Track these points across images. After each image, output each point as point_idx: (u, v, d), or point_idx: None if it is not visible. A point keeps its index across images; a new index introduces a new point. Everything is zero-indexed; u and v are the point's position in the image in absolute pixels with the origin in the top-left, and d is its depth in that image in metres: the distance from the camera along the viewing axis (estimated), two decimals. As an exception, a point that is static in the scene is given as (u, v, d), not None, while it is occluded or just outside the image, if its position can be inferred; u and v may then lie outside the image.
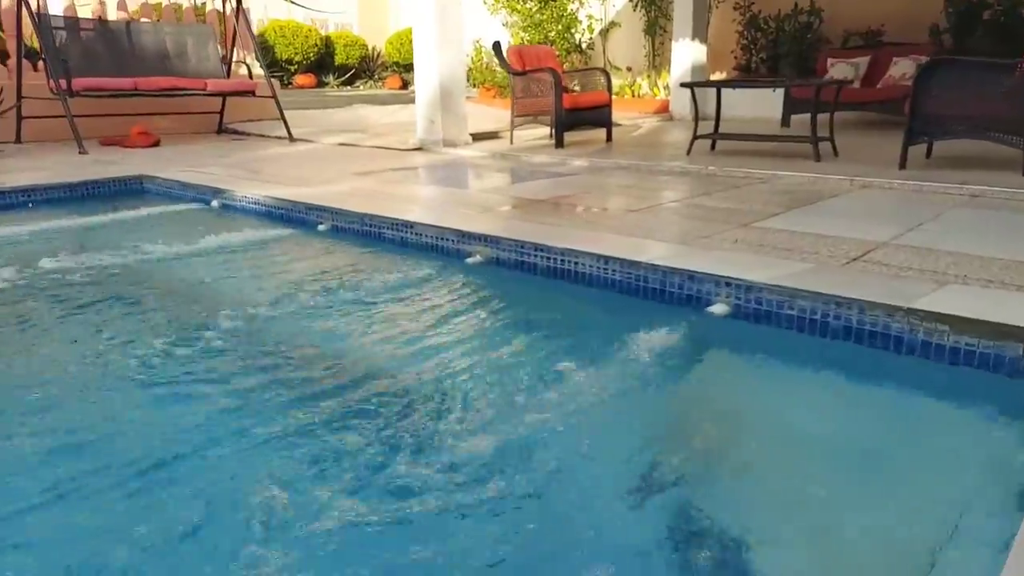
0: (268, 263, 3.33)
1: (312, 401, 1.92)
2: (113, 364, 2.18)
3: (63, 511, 1.49)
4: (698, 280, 2.38)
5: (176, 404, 1.94)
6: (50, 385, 2.06)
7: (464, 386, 2.01)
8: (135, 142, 7.00)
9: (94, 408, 1.96)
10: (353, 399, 1.94)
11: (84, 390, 2.05)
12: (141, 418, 1.90)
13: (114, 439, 1.78)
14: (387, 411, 1.88)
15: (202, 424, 1.83)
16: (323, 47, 15.67)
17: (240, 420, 1.84)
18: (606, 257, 2.60)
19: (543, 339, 2.36)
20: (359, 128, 8.67)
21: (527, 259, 2.82)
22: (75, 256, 3.23)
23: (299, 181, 4.77)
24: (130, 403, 1.98)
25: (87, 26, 7.51)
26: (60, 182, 4.52)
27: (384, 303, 2.68)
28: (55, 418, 1.87)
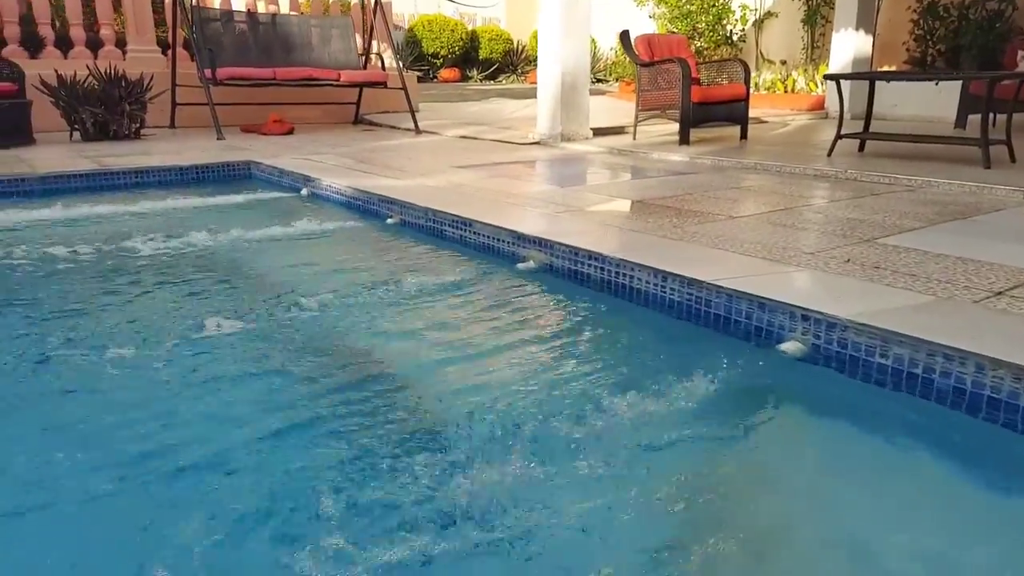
0: (327, 254, 3.25)
1: (321, 397, 1.77)
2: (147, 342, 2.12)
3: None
4: (769, 309, 1.93)
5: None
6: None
7: (471, 413, 1.74)
8: (270, 129, 7.31)
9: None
10: (361, 401, 1.76)
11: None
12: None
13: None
14: (398, 420, 1.66)
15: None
16: (468, 41, 15.84)
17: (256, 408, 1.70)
18: (663, 273, 2.19)
19: (575, 364, 2.01)
20: (486, 121, 8.57)
21: (580, 268, 2.47)
22: (151, 237, 3.30)
23: (396, 172, 4.69)
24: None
25: (239, 18, 7.95)
26: (171, 165, 4.73)
27: (418, 306, 2.46)
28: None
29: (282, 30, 8.03)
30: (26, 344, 2.15)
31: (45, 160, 4.99)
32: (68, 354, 2.06)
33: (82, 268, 2.90)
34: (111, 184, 4.44)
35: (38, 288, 2.70)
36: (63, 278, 2.79)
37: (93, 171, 4.49)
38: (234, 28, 7.73)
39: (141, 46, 7.65)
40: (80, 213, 3.76)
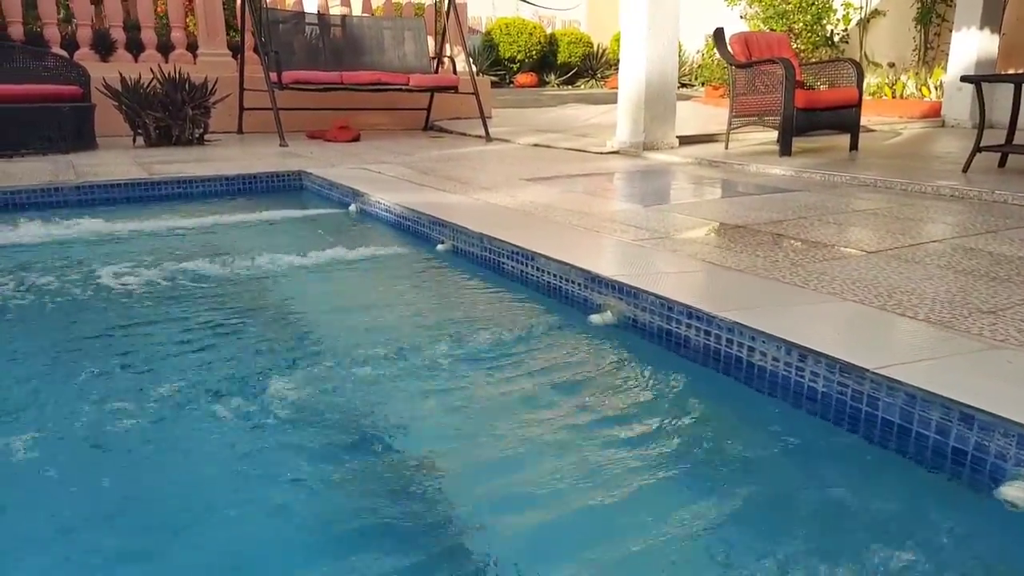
0: (361, 293, 2.73)
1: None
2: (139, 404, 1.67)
3: None
4: (981, 427, 1.25)
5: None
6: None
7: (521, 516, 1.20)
8: (335, 136, 6.99)
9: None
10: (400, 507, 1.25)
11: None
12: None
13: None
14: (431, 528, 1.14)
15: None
16: (546, 45, 15.34)
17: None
18: (800, 349, 1.55)
19: (657, 474, 1.43)
20: (561, 128, 8.03)
21: (676, 328, 1.86)
22: (181, 259, 2.89)
23: (458, 185, 4.20)
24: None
25: (309, 20, 7.69)
26: (216, 175, 4.38)
27: (461, 375, 1.87)
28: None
29: (352, 32, 7.73)
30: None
31: (95, 167, 4.76)
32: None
33: (70, 305, 2.47)
34: (153, 195, 4.13)
35: (26, 324, 2.33)
36: (48, 316, 2.39)
37: (134, 181, 4.19)
38: (303, 30, 7.47)
39: (211, 49, 7.50)
40: (103, 229, 3.41)
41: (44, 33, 6.74)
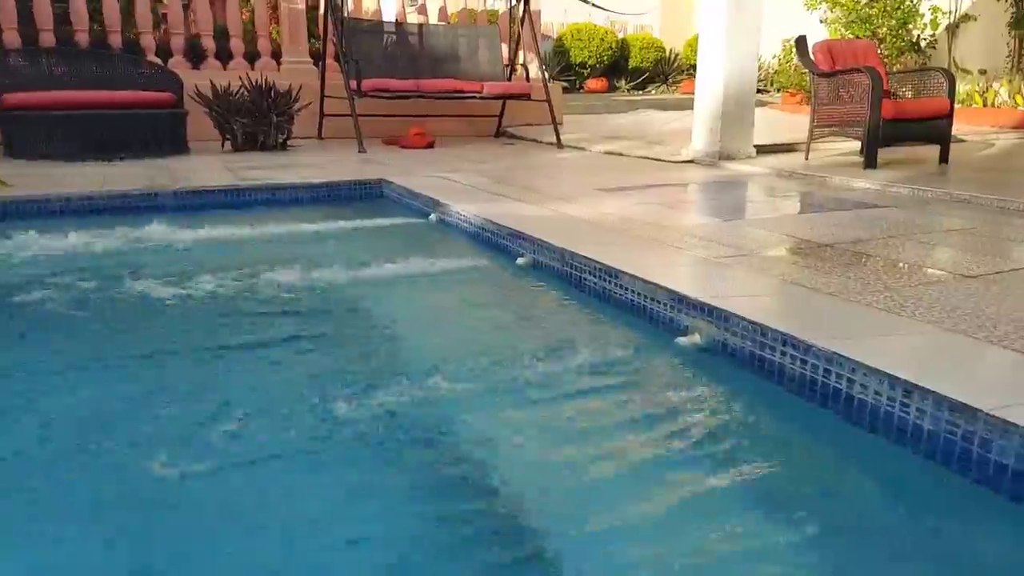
0: (439, 307, 2.76)
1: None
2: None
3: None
4: None
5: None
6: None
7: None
8: (411, 143, 7.13)
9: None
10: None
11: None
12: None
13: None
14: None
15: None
16: (618, 50, 15.25)
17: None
18: (905, 384, 1.51)
19: (743, 503, 1.42)
20: (633, 135, 7.98)
21: (770, 355, 1.83)
22: (269, 266, 3.00)
23: (533, 195, 4.23)
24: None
25: (387, 29, 7.88)
26: (303, 183, 4.54)
27: (541, 397, 1.88)
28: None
29: (428, 40, 7.87)
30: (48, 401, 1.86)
31: (189, 171, 4.99)
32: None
33: (158, 310, 2.58)
34: (244, 201, 4.30)
35: (112, 330, 2.46)
36: (134, 322, 2.52)
37: (227, 187, 4.38)
38: (382, 39, 7.65)
39: (295, 57, 7.75)
40: (197, 235, 3.58)
41: (140, 42, 7.11)
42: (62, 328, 2.42)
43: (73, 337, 2.35)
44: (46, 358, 2.18)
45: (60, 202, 3.94)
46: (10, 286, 2.77)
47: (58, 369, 2.09)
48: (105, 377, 2.04)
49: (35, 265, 3.07)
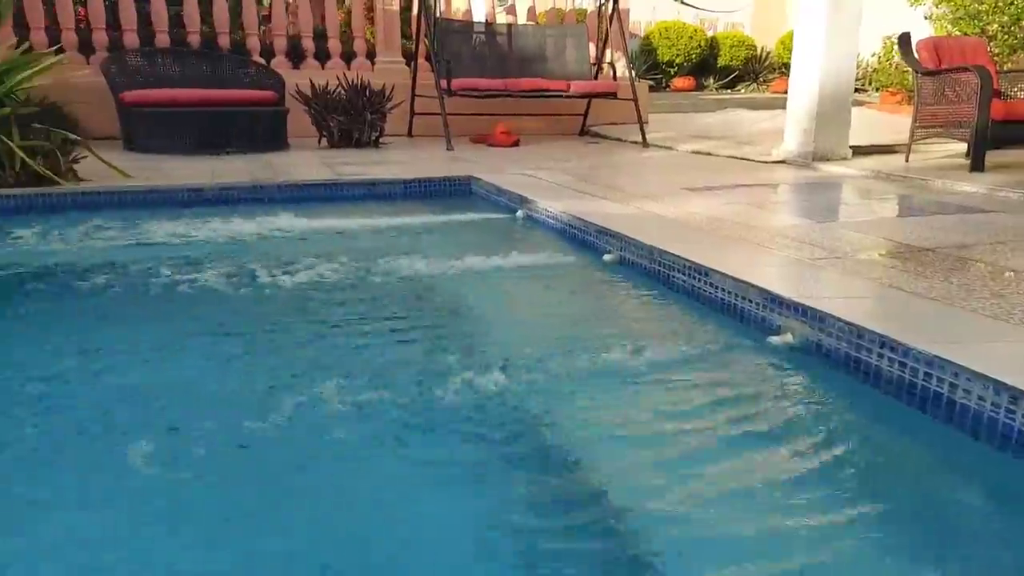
0: (527, 298, 2.84)
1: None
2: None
3: None
4: None
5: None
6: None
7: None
8: (497, 141, 7.25)
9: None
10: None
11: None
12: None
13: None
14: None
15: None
16: (707, 48, 14.97)
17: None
18: (1011, 390, 1.48)
19: (837, 507, 1.40)
20: (721, 135, 7.84)
21: (866, 357, 1.81)
22: (365, 257, 3.15)
23: (619, 194, 4.24)
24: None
25: (477, 29, 8.03)
26: (396, 178, 4.70)
27: (630, 387, 1.93)
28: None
29: (517, 40, 7.98)
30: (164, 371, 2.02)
31: (290, 166, 5.26)
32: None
33: (269, 293, 2.76)
34: (341, 195, 4.50)
35: (213, 313, 2.63)
36: (242, 304, 2.68)
37: (326, 181, 4.59)
38: (472, 39, 7.80)
39: (388, 57, 8.00)
40: (300, 225, 3.77)
41: (246, 43, 7.50)
42: (184, 304, 2.63)
43: (195, 315, 2.55)
44: (184, 328, 2.38)
45: (175, 193, 4.24)
46: (133, 268, 3.02)
47: (195, 337, 2.27)
48: (215, 351, 2.22)
49: (154, 249, 3.33)
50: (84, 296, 2.71)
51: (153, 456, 1.56)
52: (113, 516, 1.40)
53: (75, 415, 1.79)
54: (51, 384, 1.97)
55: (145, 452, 1.57)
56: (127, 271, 3.00)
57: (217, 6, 7.19)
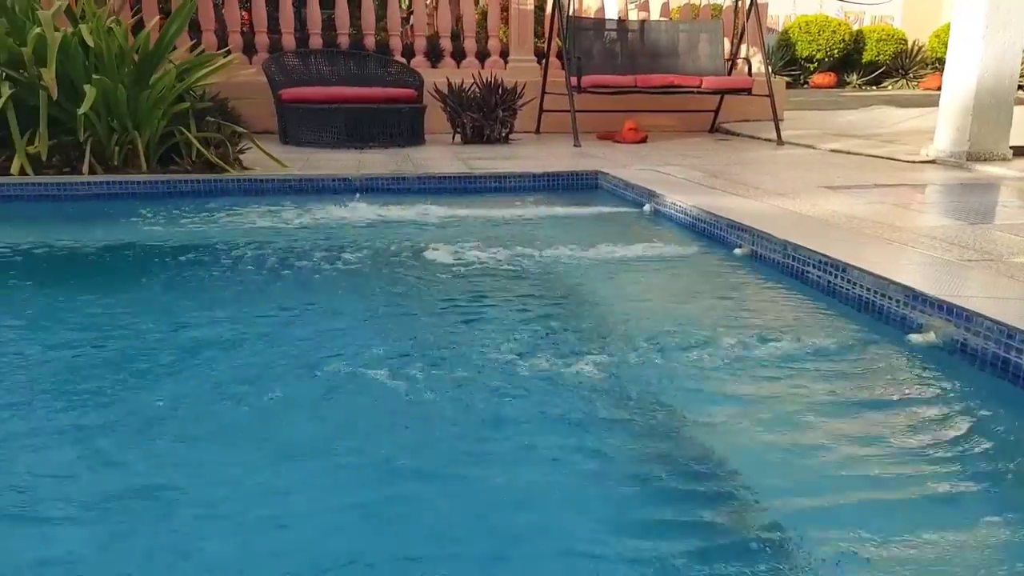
0: (660, 286, 2.90)
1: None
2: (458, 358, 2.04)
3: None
4: None
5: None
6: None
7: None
8: (624, 137, 7.27)
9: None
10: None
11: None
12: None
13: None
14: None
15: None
16: (851, 43, 14.17)
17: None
18: None
19: (979, 511, 1.37)
20: (863, 133, 7.46)
21: (1018, 359, 1.72)
22: (497, 244, 3.31)
23: (751, 190, 4.17)
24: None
25: (609, 27, 8.06)
26: (526, 172, 4.85)
27: (766, 374, 1.94)
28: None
29: (649, 36, 7.94)
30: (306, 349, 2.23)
31: (426, 160, 5.54)
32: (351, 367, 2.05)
33: (402, 273, 2.97)
34: (474, 187, 4.71)
35: (368, 290, 2.85)
36: (387, 283, 2.89)
37: (460, 174, 4.82)
38: (603, 36, 7.85)
39: (520, 56, 8.20)
40: (438, 213, 4.00)
41: (389, 43, 7.93)
42: (337, 281, 2.89)
43: (351, 288, 2.80)
44: (333, 305, 2.63)
45: (327, 182, 4.60)
46: (292, 248, 3.33)
47: (354, 314, 2.51)
48: (376, 320, 2.43)
49: (312, 231, 3.66)
50: (261, 268, 3.04)
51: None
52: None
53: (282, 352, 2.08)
54: (276, 327, 2.33)
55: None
56: (294, 248, 3.32)
57: (364, 9, 7.65)
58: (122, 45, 4.37)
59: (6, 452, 1.59)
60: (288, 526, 1.35)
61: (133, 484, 1.48)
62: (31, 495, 1.45)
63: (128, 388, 1.90)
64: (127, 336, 2.27)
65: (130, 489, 1.47)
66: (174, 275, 3.04)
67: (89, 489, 1.47)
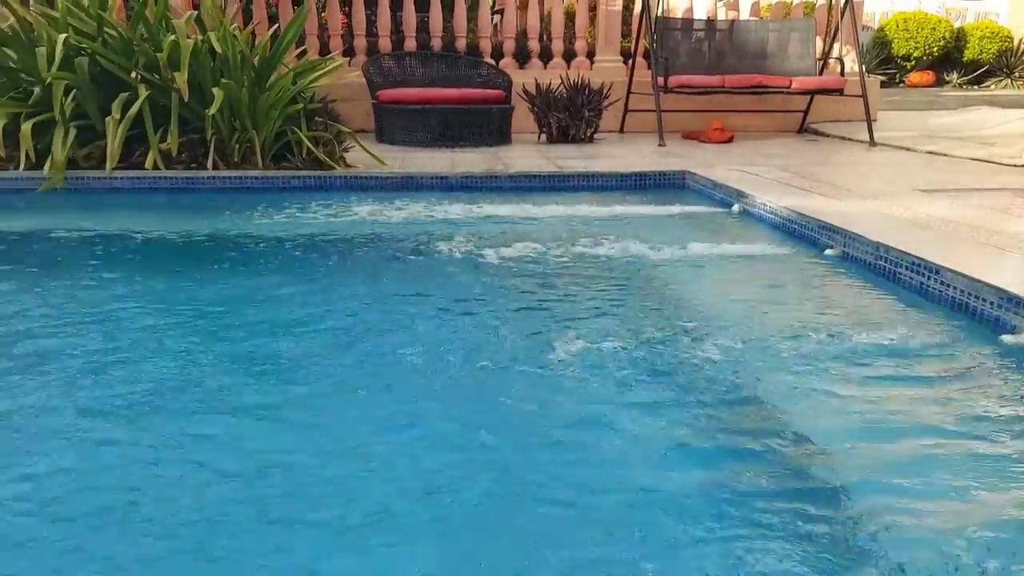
0: (749, 285, 2.98)
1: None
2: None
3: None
4: None
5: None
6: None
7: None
8: (710, 137, 7.28)
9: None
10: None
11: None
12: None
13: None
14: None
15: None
16: (951, 40, 13.57)
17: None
18: None
19: None
20: (962, 135, 7.22)
21: None
22: (586, 241, 3.47)
23: (842, 192, 4.18)
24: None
25: (697, 26, 8.07)
26: (613, 171, 4.98)
27: (856, 373, 2.03)
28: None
29: (738, 36, 7.91)
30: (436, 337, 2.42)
31: (515, 159, 5.75)
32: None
33: (500, 269, 3.15)
34: (563, 186, 4.89)
35: (458, 281, 3.05)
36: (482, 276, 3.08)
37: (550, 173, 5.00)
38: (691, 36, 7.87)
39: (606, 56, 8.31)
40: (529, 211, 4.20)
41: (479, 45, 8.19)
42: (431, 271, 3.12)
43: (444, 280, 3.03)
44: (442, 286, 2.87)
45: (425, 179, 4.87)
46: (393, 240, 3.60)
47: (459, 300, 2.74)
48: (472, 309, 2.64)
49: (411, 225, 3.92)
50: (371, 259, 3.32)
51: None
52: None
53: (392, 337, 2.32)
54: (380, 314, 2.58)
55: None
56: (398, 241, 3.59)
57: (457, 13, 7.94)
58: (243, 51, 4.76)
59: (204, 391, 1.88)
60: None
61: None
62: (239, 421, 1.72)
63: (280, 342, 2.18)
64: (275, 307, 2.57)
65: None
66: (292, 260, 3.35)
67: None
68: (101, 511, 1.47)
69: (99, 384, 2.00)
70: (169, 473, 1.60)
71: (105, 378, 2.03)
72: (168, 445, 1.70)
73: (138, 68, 4.69)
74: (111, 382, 2.00)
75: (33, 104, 4.58)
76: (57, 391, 1.94)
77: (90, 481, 1.57)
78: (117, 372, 2.07)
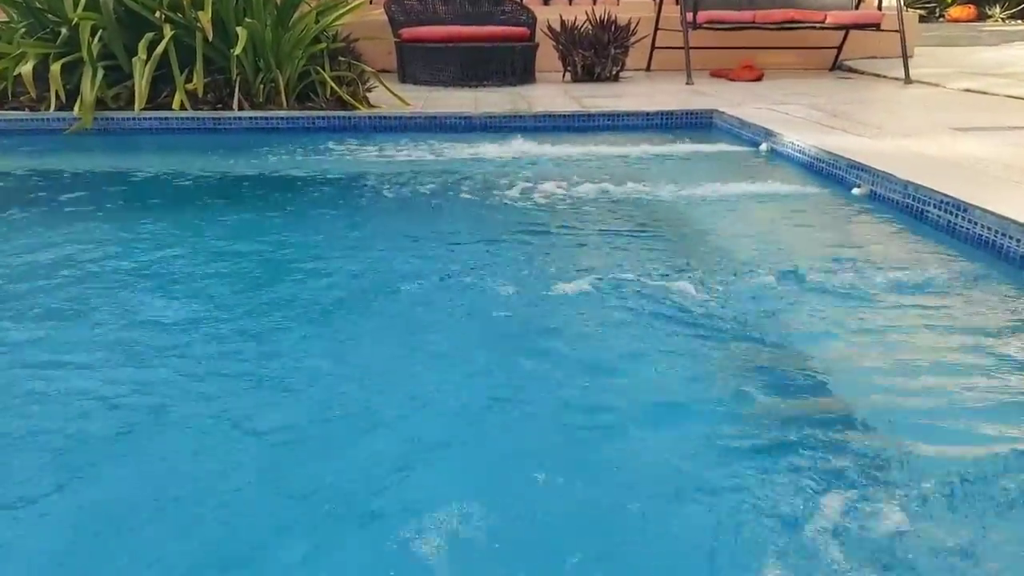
0: (775, 224, 2.98)
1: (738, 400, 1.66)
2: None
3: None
4: None
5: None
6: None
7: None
8: (739, 75, 7.12)
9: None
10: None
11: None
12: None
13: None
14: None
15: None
16: (997, -30, 12.94)
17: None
18: None
19: None
20: (1003, 72, 6.97)
21: None
22: (611, 181, 3.46)
23: (873, 131, 4.10)
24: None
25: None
26: (639, 110, 4.92)
27: (881, 309, 2.06)
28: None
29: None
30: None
31: (539, 98, 5.69)
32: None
33: (531, 207, 3.17)
34: (588, 126, 4.85)
35: (458, 218, 3.08)
36: (508, 215, 3.10)
37: (575, 113, 4.95)
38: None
39: (634, -9, 8.08)
40: (554, 151, 4.18)
41: (502, -19, 7.99)
42: (476, 206, 3.16)
43: (463, 217, 3.06)
44: (452, 229, 2.90)
45: (449, 119, 4.85)
46: (414, 180, 3.62)
47: (467, 240, 2.77)
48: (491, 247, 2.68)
49: (435, 165, 3.94)
50: (397, 197, 3.35)
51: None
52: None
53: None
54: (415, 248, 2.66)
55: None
56: (431, 180, 3.61)
57: (478, -54, 7.72)
58: (265, -12, 4.71)
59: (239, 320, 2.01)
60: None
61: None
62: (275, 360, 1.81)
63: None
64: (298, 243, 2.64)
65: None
66: (321, 198, 3.40)
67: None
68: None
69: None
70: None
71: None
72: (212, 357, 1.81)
73: (162, 8, 4.67)
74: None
75: (61, 45, 4.61)
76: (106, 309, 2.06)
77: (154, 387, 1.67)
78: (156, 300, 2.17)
